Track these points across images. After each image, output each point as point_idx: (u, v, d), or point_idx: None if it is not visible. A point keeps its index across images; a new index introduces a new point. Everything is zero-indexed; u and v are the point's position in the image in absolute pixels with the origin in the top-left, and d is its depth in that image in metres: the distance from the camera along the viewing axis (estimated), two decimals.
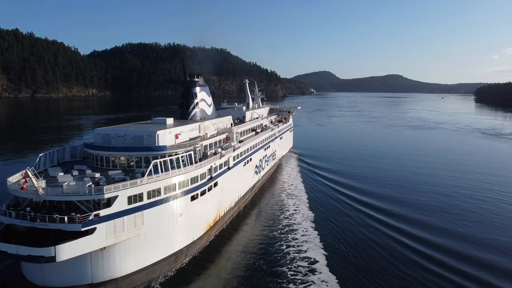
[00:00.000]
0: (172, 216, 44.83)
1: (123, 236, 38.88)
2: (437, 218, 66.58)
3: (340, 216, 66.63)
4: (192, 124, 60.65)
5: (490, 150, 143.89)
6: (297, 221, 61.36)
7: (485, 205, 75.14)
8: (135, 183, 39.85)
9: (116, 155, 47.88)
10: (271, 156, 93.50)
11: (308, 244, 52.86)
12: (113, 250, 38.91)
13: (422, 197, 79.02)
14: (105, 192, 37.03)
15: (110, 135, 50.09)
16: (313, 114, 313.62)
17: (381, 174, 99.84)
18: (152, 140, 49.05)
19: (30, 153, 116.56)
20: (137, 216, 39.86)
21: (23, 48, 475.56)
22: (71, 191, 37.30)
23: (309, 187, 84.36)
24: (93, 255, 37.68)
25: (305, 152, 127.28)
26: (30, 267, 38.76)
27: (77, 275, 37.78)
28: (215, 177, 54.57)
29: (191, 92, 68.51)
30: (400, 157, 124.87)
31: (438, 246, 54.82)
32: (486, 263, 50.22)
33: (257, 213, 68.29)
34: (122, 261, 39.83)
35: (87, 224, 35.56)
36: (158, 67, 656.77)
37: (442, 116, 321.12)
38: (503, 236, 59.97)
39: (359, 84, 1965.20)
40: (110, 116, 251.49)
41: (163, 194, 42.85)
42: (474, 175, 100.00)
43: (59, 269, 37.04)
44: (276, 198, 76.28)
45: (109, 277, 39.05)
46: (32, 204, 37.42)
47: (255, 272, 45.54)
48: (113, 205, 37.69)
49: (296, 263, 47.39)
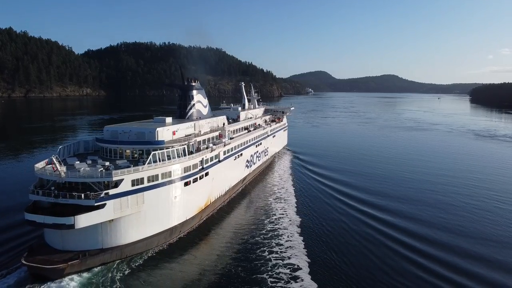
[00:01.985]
0: (168, 197, 53.08)
1: (127, 212, 47.62)
2: (430, 222, 65.33)
3: (321, 204, 72.69)
4: (188, 123, 69.80)
5: (484, 151, 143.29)
6: (284, 211, 67.80)
7: (475, 201, 77.39)
8: (138, 170, 48.52)
9: (122, 148, 56.87)
10: (263, 153, 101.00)
11: (291, 227, 60.11)
12: (119, 222, 47.43)
13: (414, 204, 76.00)
14: (114, 175, 45.66)
15: (117, 131, 59.30)
16: (308, 115, 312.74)
17: (373, 175, 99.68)
18: (152, 135, 57.92)
19: (29, 152, 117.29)
20: (139, 196, 48.63)
21: (16, 47, 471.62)
22: (86, 174, 46.37)
23: (298, 180, 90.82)
24: (103, 225, 46.12)
25: (298, 149, 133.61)
26: (51, 235, 46.63)
27: (90, 241, 46.03)
28: (206, 167, 62.79)
29: (188, 94, 77.51)
30: (397, 160, 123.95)
31: (430, 252, 53.75)
32: (475, 256, 52.00)
33: (247, 202, 75.52)
34: (126, 232, 48.27)
35: (99, 200, 44.49)
36: (153, 66, 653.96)
37: (438, 117, 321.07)
38: (493, 230, 61.58)
39: (355, 84, 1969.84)
40: (104, 117, 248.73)
41: (160, 179, 51.31)
42: (468, 175, 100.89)
43: (75, 236, 45.21)
44: (267, 190, 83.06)
45: (115, 244, 47.42)
46: (54, 185, 46.08)
47: (241, 251, 51.58)
48: (119, 186, 46.40)
49: (277, 240, 55.37)
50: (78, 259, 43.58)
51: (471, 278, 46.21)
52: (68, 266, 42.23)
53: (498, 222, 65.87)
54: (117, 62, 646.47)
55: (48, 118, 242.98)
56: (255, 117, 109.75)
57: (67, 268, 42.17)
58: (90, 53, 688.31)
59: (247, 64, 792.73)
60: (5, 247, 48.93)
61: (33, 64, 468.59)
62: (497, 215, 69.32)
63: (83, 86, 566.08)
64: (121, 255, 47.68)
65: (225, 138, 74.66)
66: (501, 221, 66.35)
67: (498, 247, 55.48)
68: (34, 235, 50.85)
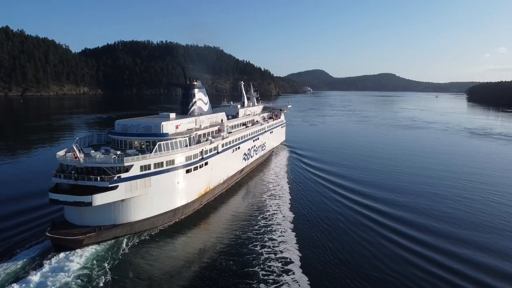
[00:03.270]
0: (171, 182, 59.74)
1: (136, 193, 54.19)
2: (424, 216, 66.83)
3: (316, 197, 76.49)
4: (190, 118, 76.81)
5: (480, 148, 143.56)
6: (279, 199, 73.80)
7: (468, 195, 79.85)
8: (145, 157, 55.31)
9: (132, 139, 63.60)
10: (260, 147, 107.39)
11: (282, 209, 66.79)
12: (130, 202, 54.09)
13: (410, 198, 77.49)
14: (125, 161, 52.43)
15: (127, 125, 65.85)
16: (306, 114, 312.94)
17: (368, 169, 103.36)
18: (158, 129, 64.60)
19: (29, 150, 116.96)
20: (146, 180, 55.26)
21: (13, 46, 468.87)
22: (102, 160, 52.93)
23: (294, 174, 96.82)
24: (116, 204, 52.81)
25: (295, 145, 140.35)
26: (71, 212, 53.56)
27: (105, 218, 52.64)
28: (205, 158, 69.37)
29: (190, 92, 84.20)
30: (393, 156, 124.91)
31: (424, 243, 55.03)
32: (468, 244, 54.55)
33: (245, 192, 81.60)
34: (135, 210, 54.91)
35: (113, 182, 51.22)
36: (151, 65, 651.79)
37: (435, 116, 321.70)
38: (485, 221, 63.86)
39: (352, 83, 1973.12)
40: (102, 115, 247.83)
41: (165, 166, 58.04)
42: (462, 169, 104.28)
43: (92, 213, 51.70)
44: (264, 181, 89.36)
45: (126, 220, 54.23)
46: (74, 170, 52.40)
47: (236, 235, 56.31)
48: (130, 171, 52.97)
49: (272, 223, 61.31)
50: (94, 232, 50.49)
51: (463, 263, 48.46)
52: (86, 238, 49.17)
53: (491, 213, 68.57)
54: (114, 60, 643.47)
55: (52, 116, 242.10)
56: (253, 114, 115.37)
57: (85, 240, 49.05)
58: (87, 51, 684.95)
59: (245, 63, 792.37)
60: (31, 224, 56.42)
61: (30, 63, 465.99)
62: (489, 207, 72.62)
63: (80, 85, 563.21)
64: (131, 231, 54.84)
65: (223, 132, 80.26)
66: (494, 212, 69.22)
67: (490, 236, 58.15)
68: (56, 214, 58.40)
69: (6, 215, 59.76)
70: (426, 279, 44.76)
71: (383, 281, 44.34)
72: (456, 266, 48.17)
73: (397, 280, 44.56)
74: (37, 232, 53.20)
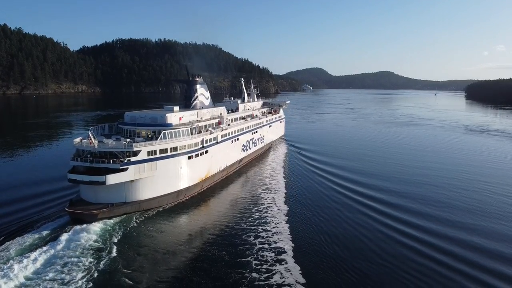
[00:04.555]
0: (175, 167, 66.12)
1: (144, 175, 60.60)
2: (420, 205, 68.97)
3: (309, 184, 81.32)
4: (192, 111, 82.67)
5: (478, 144, 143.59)
6: (275, 187, 77.96)
7: (464, 188, 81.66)
8: (152, 143, 62.40)
9: (139, 129, 69.76)
10: (259, 140, 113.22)
11: (277, 201, 69.13)
12: (138, 182, 60.46)
13: (405, 188, 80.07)
14: (134, 147, 59.43)
15: (136, 116, 72.44)
16: (304, 111, 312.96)
17: (364, 161, 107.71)
18: (163, 119, 70.68)
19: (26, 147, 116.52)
20: (153, 164, 61.71)
21: (11, 44, 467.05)
22: (114, 146, 59.78)
23: (291, 163, 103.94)
24: (126, 184, 59.22)
25: (294, 139, 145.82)
26: (86, 191, 59.74)
27: (116, 196, 58.95)
28: (206, 146, 75.61)
29: (193, 88, 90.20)
30: (390, 150, 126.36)
31: (417, 228, 55.60)
32: (463, 231, 56.75)
33: (243, 179, 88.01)
34: (143, 190, 61.27)
35: (123, 165, 57.90)
36: (149, 63, 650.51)
37: (434, 113, 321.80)
38: (481, 213, 65.33)
39: (351, 81, 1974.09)
40: (102, 113, 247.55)
41: (169, 152, 64.59)
42: (459, 162, 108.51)
43: (105, 192, 58.06)
44: (262, 171, 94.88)
45: (135, 199, 60.73)
46: (89, 154, 59.03)
47: (233, 217, 60.99)
48: (138, 155, 59.64)
49: (268, 211, 64.64)
50: (107, 208, 56.90)
51: (454, 245, 50.25)
52: (100, 212, 55.70)
53: (487, 204, 69.95)
54: (112, 59, 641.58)
55: (57, 113, 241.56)
56: (252, 109, 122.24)
57: (99, 214, 55.49)
58: (85, 49, 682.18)
59: (243, 61, 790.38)
60: (52, 203, 63.52)
61: (28, 61, 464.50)
62: (483, 196, 74.95)
63: (78, 83, 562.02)
64: (139, 208, 61.18)
65: (223, 124, 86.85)
66: (487, 201, 71.86)
67: (482, 221, 60.73)
68: (72, 195, 64.16)
69: (31, 195, 67.37)
70: (426, 273, 44.81)
71: (376, 269, 45.01)
72: (449, 248, 50.65)
73: (387, 264, 45.99)
74: (57, 209, 60.05)
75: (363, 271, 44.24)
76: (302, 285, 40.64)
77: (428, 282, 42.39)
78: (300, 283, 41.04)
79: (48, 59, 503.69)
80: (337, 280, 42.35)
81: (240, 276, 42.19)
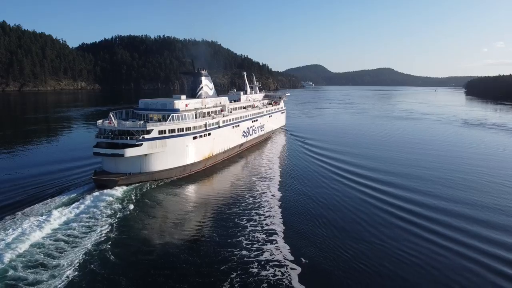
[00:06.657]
0: (182, 145, 76.77)
1: (156, 150, 71.48)
2: (411, 183, 74.31)
3: (306, 169, 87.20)
4: (197, 99, 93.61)
5: (476, 137, 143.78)
6: (272, 169, 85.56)
7: (463, 175, 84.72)
8: (162, 124, 73.59)
9: (152, 113, 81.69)
10: (259, 128, 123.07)
11: (271, 187, 73.11)
12: (151, 156, 71.43)
13: (403, 174, 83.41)
14: (147, 126, 70.49)
15: (148, 103, 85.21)
16: (304, 107, 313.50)
17: (362, 147, 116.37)
18: (172, 105, 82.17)
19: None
20: (163, 141, 72.59)
21: (10, 41, 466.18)
22: (130, 125, 71.43)
23: (290, 150, 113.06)
24: (141, 157, 70.20)
25: (293, 129, 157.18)
26: (108, 163, 70.84)
27: (133, 167, 70.09)
28: (208, 129, 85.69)
29: (198, 79, 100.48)
30: (389, 141, 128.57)
31: (412, 208, 58.31)
32: (461, 216, 58.25)
33: (244, 161, 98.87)
34: (155, 163, 72.26)
35: (139, 141, 69.08)
36: (148, 60, 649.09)
37: (433, 108, 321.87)
38: (480, 199, 67.16)
39: (351, 78, 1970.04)
40: (102, 108, 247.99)
41: (177, 132, 75.35)
42: (458, 149, 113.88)
43: (124, 163, 69.21)
44: (261, 155, 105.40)
45: (149, 170, 71.83)
46: (110, 132, 71.29)
47: (234, 190, 70.43)
48: (151, 133, 70.58)
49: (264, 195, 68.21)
50: (126, 176, 68.34)
51: (454, 231, 51.51)
52: (120, 179, 67.16)
53: (486, 192, 71.67)
54: (111, 55, 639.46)
55: (45, 111, 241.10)
56: (253, 100, 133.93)
57: (119, 181, 66.98)
58: (84, 46, 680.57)
59: (243, 57, 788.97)
60: (80, 174, 75.54)
61: (27, 58, 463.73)
62: (481, 184, 76.93)
63: (77, 79, 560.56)
64: (152, 178, 71.96)
65: (225, 111, 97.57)
66: (485, 189, 73.51)
67: (480, 207, 62.50)
68: (96, 166, 75.49)
69: (63, 169, 79.84)
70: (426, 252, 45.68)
71: (368, 246, 46.78)
72: (445, 228, 52.77)
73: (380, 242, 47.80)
74: (84, 177, 72.35)
75: (354, 248, 46.03)
76: (291, 262, 42.37)
77: (426, 261, 43.71)
78: (288, 259, 42.85)
79: (47, 56, 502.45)
80: (329, 256, 44.05)
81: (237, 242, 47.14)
